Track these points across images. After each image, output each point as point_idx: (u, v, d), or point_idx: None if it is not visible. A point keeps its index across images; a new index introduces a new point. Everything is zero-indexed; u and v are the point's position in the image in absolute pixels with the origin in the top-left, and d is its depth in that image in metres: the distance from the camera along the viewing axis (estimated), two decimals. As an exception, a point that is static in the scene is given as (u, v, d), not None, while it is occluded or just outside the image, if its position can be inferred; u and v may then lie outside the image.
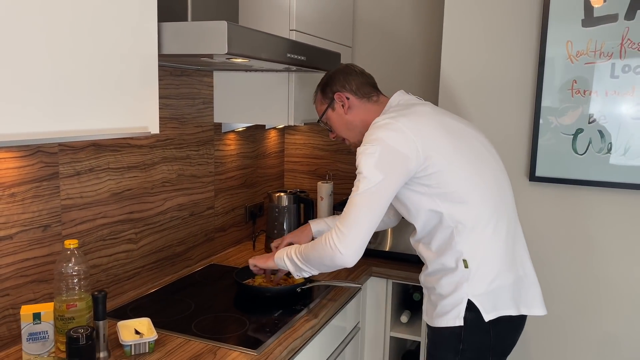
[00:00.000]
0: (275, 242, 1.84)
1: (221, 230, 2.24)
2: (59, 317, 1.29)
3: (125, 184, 1.69)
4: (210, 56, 1.40)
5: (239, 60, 1.49)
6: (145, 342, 1.34)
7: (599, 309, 1.94)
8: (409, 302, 2.26)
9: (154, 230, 1.84)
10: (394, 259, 2.11)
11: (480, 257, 1.43)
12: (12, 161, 1.32)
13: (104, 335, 1.30)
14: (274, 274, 1.80)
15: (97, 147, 1.58)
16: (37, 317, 1.26)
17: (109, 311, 1.55)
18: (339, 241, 1.39)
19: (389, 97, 1.61)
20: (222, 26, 1.26)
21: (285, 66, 1.71)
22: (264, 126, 2.49)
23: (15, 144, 0.98)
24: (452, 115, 1.57)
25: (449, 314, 1.44)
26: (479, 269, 1.42)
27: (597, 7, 1.79)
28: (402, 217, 1.78)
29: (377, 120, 1.48)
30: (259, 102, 2.05)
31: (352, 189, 1.42)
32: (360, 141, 1.64)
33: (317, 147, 2.66)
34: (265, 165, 2.55)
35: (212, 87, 2.11)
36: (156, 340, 1.36)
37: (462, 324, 1.42)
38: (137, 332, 1.36)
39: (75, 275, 1.30)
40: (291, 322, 1.55)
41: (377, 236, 2.15)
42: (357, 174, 1.42)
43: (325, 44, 2.14)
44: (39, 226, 1.41)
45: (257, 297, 1.74)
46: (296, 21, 1.93)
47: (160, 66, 1.27)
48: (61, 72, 1.04)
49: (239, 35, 1.31)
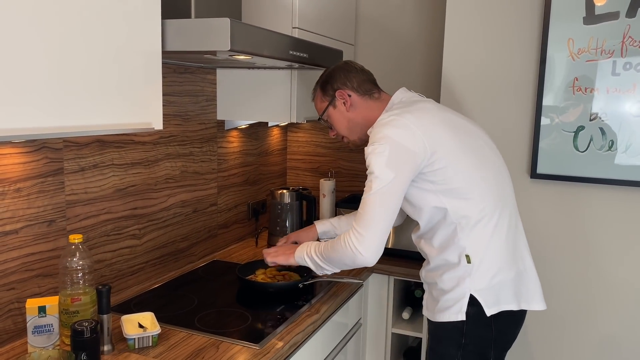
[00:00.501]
0: (280, 241, 1.86)
1: (224, 226, 2.25)
2: (63, 311, 1.31)
3: (129, 180, 1.71)
4: (213, 53, 1.41)
5: (241, 57, 1.50)
6: (148, 336, 1.35)
7: (599, 306, 1.94)
8: (411, 298, 2.27)
9: (157, 226, 1.86)
10: (395, 256, 2.12)
11: (482, 252, 1.43)
12: (17, 157, 1.34)
13: (108, 328, 1.31)
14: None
15: (102, 143, 1.59)
16: (42, 310, 1.28)
17: (113, 306, 1.56)
18: (358, 243, 1.40)
19: (389, 95, 1.61)
20: (225, 23, 1.27)
21: (287, 63, 1.72)
22: (267, 124, 2.50)
23: (20, 139, 1.00)
24: (454, 112, 1.57)
25: (451, 309, 1.45)
26: (482, 264, 1.43)
27: (598, 4, 1.80)
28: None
29: (381, 117, 1.48)
30: (262, 100, 2.07)
31: (365, 189, 1.42)
32: (360, 139, 1.65)
33: (319, 145, 2.67)
34: (267, 162, 2.56)
35: (215, 84, 2.12)
36: (159, 334, 1.37)
37: (464, 318, 1.43)
38: (141, 326, 1.38)
39: (79, 269, 1.32)
40: (293, 317, 1.56)
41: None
42: (368, 174, 1.42)
43: (327, 42, 2.15)
44: (44, 221, 1.42)
45: (260, 293, 1.75)
46: (299, 19, 1.94)
47: (163, 64, 1.29)
48: (66, 68, 1.05)
49: (242, 32, 1.32)
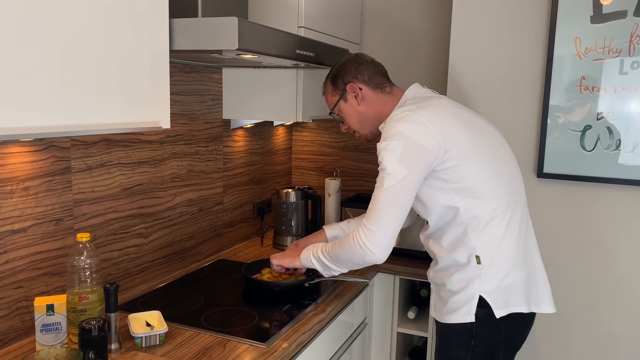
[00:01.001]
0: (289, 247, 1.83)
1: (230, 225, 2.26)
2: (71, 309, 1.31)
3: (135, 179, 1.71)
4: (219, 52, 1.41)
5: (248, 56, 1.50)
6: (156, 335, 1.35)
7: (606, 306, 1.93)
8: (416, 298, 2.26)
9: (163, 225, 1.86)
10: (401, 255, 2.11)
11: (493, 253, 1.41)
12: (25, 155, 1.34)
13: (115, 327, 1.32)
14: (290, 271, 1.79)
15: (109, 142, 1.60)
16: (50, 308, 1.28)
17: (120, 304, 1.56)
18: (367, 240, 1.38)
19: (402, 89, 1.58)
20: (232, 22, 1.28)
21: (293, 63, 1.72)
22: (272, 123, 2.50)
23: (28, 138, 1.00)
24: (468, 109, 1.54)
25: (460, 310, 1.42)
26: (492, 265, 1.41)
27: (605, 3, 1.79)
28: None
29: (395, 113, 1.45)
30: (268, 99, 2.07)
31: (376, 185, 1.39)
32: (372, 134, 1.62)
33: (324, 144, 2.67)
34: (273, 161, 2.56)
35: (221, 83, 2.12)
36: (167, 332, 1.38)
37: (473, 320, 1.40)
38: (148, 325, 1.38)
39: (87, 268, 1.32)
40: (299, 316, 1.56)
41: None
42: (379, 170, 1.39)
43: (332, 41, 2.15)
44: (52, 220, 1.43)
45: (266, 292, 1.75)
46: (304, 18, 1.94)
47: (170, 63, 1.29)
48: (73, 67, 1.05)
49: (249, 31, 1.32)
